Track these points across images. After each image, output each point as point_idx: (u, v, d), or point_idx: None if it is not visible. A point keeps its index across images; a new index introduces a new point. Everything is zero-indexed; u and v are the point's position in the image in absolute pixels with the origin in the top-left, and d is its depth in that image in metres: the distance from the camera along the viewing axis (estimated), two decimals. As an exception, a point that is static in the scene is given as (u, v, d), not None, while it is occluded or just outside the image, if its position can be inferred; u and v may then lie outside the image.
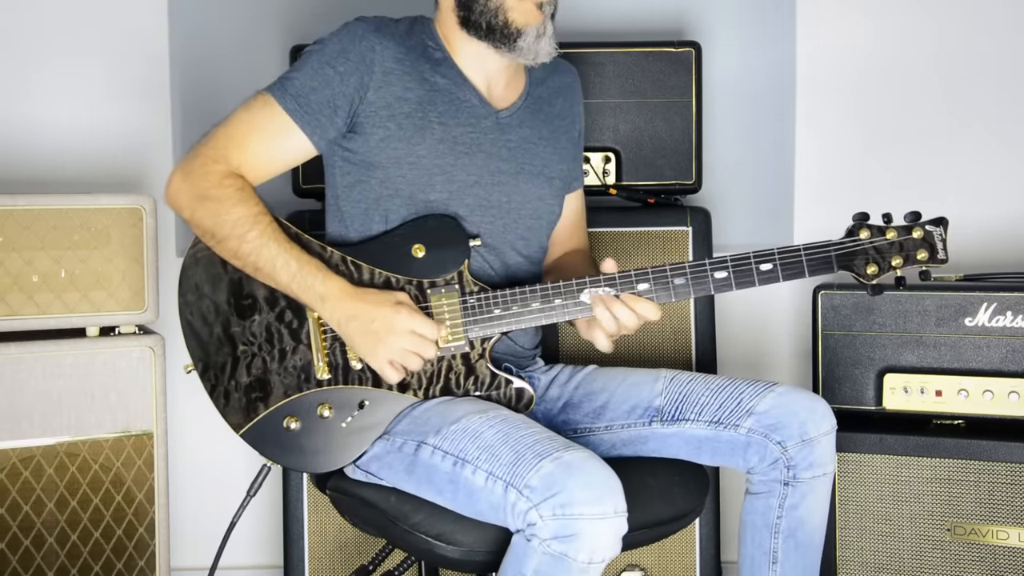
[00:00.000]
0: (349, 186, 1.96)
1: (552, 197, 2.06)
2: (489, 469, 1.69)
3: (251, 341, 1.92)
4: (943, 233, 1.85)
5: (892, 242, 1.85)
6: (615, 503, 1.62)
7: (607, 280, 1.86)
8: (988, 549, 2.17)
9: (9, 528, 2.15)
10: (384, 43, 1.92)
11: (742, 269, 1.86)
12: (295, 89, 1.89)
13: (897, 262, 1.85)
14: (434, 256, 1.91)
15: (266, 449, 1.92)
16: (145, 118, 2.64)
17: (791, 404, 1.86)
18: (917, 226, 1.85)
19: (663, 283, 1.86)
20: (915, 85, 2.68)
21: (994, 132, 2.66)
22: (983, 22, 2.66)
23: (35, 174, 2.56)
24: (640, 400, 1.96)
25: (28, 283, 2.15)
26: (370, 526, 1.95)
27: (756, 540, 1.91)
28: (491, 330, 1.89)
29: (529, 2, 1.91)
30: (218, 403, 1.93)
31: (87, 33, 2.60)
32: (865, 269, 1.85)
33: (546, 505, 1.60)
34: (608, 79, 2.48)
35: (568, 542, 1.59)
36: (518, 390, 1.91)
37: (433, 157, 1.92)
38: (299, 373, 1.91)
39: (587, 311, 1.87)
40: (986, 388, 2.20)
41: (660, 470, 1.95)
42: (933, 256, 1.85)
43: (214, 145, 1.89)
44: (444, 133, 1.93)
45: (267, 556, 2.77)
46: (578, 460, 1.64)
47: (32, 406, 2.16)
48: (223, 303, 1.93)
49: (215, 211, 1.86)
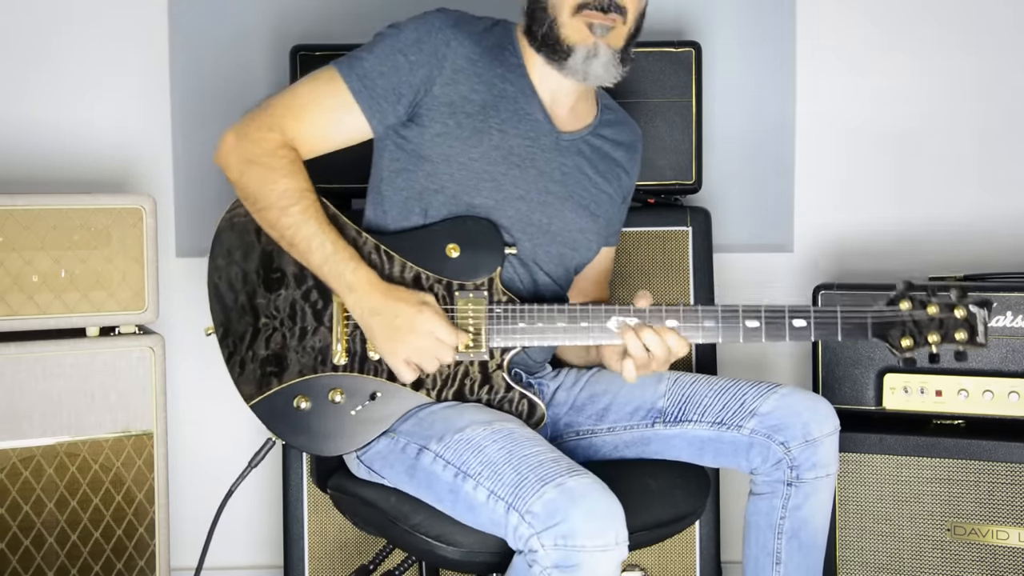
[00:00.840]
0: (395, 172, 1.93)
1: (593, 233, 2.03)
2: (491, 488, 1.67)
3: (274, 315, 1.90)
4: (987, 316, 1.79)
5: (932, 318, 1.80)
6: (616, 532, 1.61)
7: (636, 312, 1.84)
8: (988, 549, 2.17)
9: (9, 528, 2.14)
10: (460, 39, 1.89)
11: (775, 322, 1.82)
12: (363, 70, 1.87)
13: (934, 339, 1.79)
14: (468, 258, 1.89)
15: (273, 424, 1.90)
16: (145, 118, 2.64)
17: (794, 405, 1.86)
18: (960, 305, 1.79)
19: (692, 323, 1.83)
20: (916, 87, 2.68)
21: (995, 132, 2.66)
22: (983, 20, 2.66)
23: (35, 174, 2.56)
24: (643, 402, 1.96)
25: (28, 283, 2.15)
26: (370, 526, 1.95)
27: (760, 540, 1.91)
28: (513, 342, 1.87)
29: (580, 20, 1.87)
30: (233, 371, 1.91)
31: (87, 33, 2.60)
32: (900, 341, 1.80)
33: (548, 534, 1.59)
34: (608, 79, 2.47)
35: (569, 572, 1.59)
36: (531, 406, 1.89)
37: (485, 163, 1.90)
38: (317, 354, 1.89)
39: (613, 338, 1.85)
40: (986, 388, 2.20)
41: (661, 472, 1.95)
42: (972, 339, 1.79)
43: (272, 113, 1.87)
44: (501, 141, 1.91)
45: (267, 556, 2.76)
46: (581, 488, 1.61)
47: (32, 406, 2.16)
48: (252, 272, 1.91)
49: (263, 178, 1.84)
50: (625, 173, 2.08)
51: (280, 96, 1.89)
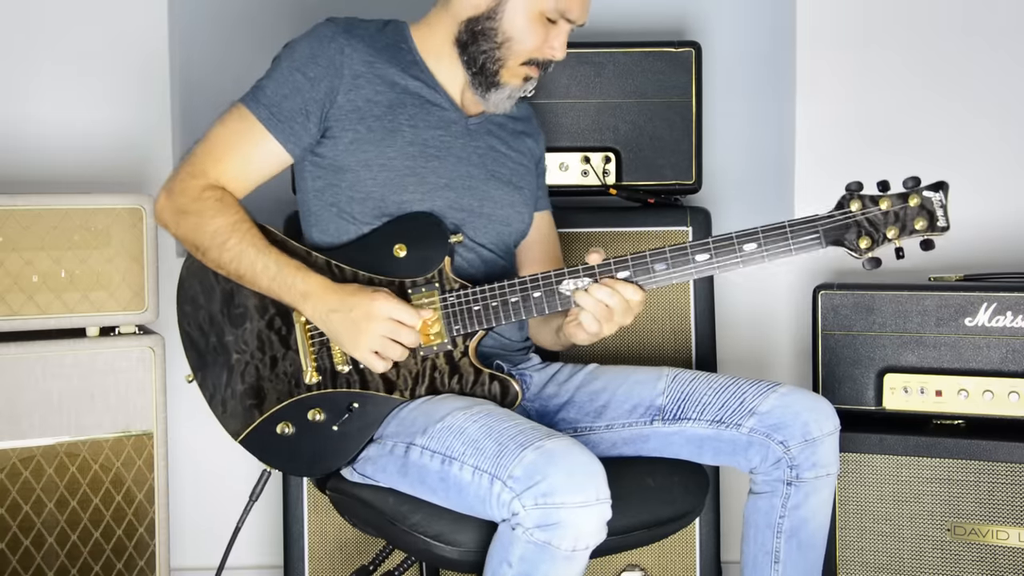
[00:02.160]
0: (320, 190, 1.98)
1: (522, 205, 2.08)
2: (475, 464, 1.69)
3: (244, 349, 1.94)
4: (943, 199, 1.73)
5: (887, 212, 1.75)
6: (597, 489, 1.62)
7: (586, 271, 1.84)
8: (988, 549, 2.17)
9: (9, 528, 2.15)
10: (354, 44, 1.93)
11: (724, 248, 1.81)
12: (267, 98, 1.91)
13: (893, 233, 1.75)
14: (416, 255, 1.91)
15: (264, 455, 1.94)
16: (145, 118, 2.64)
17: (794, 404, 1.86)
18: (914, 193, 1.73)
19: (643, 268, 1.83)
20: (915, 86, 2.68)
21: (995, 132, 2.66)
22: (983, 22, 2.66)
23: (35, 174, 2.56)
24: (642, 399, 1.96)
25: (28, 283, 2.15)
26: (369, 526, 1.95)
27: (759, 540, 1.91)
28: (473, 327, 1.89)
29: (523, 70, 1.95)
30: (216, 411, 1.96)
31: (87, 33, 2.60)
32: (858, 243, 1.76)
33: (528, 494, 1.61)
34: (608, 79, 2.47)
35: (551, 530, 1.60)
36: (503, 386, 1.91)
37: (404, 159, 1.93)
38: (290, 379, 1.92)
39: (567, 303, 1.85)
40: (986, 388, 2.20)
41: (660, 470, 1.95)
42: (933, 224, 1.74)
43: (192, 161, 1.93)
44: (414, 136, 1.95)
45: (267, 556, 2.77)
46: (560, 448, 1.64)
47: (32, 406, 2.16)
48: (217, 313, 1.96)
49: (195, 224, 1.90)
50: (531, 139, 2.14)
51: (199, 143, 1.95)
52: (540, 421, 2.01)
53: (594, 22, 2.02)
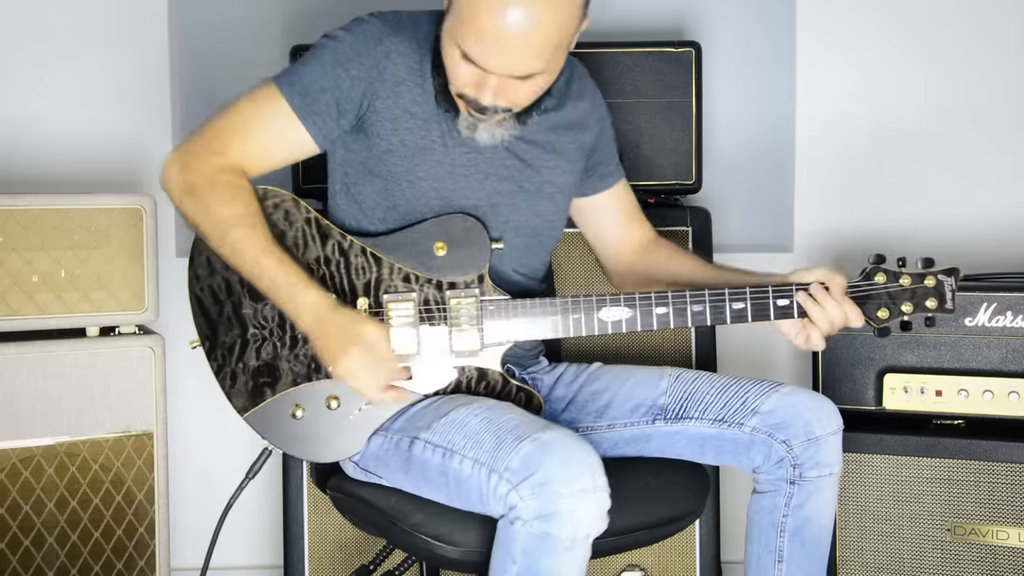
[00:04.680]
0: (350, 184, 1.93)
1: (552, 214, 2.02)
2: (475, 456, 1.69)
3: (262, 325, 1.88)
4: (954, 284, 1.88)
5: (905, 289, 1.88)
6: (593, 478, 1.62)
7: (627, 300, 1.86)
8: (988, 549, 2.17)
9: (9, 528, 2.14)
10: (400, 48, 1.85)
11: (759, 302, 1.88)
12: (303, 86, 1.83)
13: (907, 308, 1.88)
14: (456, 256, 1.89)
15: (269, 434, 1.89)
16: (145, 118, 2.64)
17: (796, 404, 1.87)
18: (930, 275, 1.88)
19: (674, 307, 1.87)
20: (916, 87, 2.68)
21: (995, 132, 2.66)
22: (985, 24, 2.66)
23: (35, 174, 2.56)
24: (644, 399, 1.96)
25: (28, 283, 2.15)
26: (370, 526, 1.95)
27: (762, 539, 1.91)
28: (505, 336, 1.88)
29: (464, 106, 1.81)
30: (223, 384, 1.89)
31: (87, 33, 2.60)
32: (876, 313, 1.89)
33: (525, 485, 1.60)
34: (608, 79, 2.47)
35: (549, 521, 1.59)
36: (527, 397, 1.91)
37: (431, 180, 1.89)
38: (310, 362, 1.88)
39: (604, 328, 1.87)
40: (986, 388, 2.20)
41: (661, 470, 1.95)
42: (942, 305, 1.88)
43: (213, 135, 1.84)
44: (444, 155, 1.89)
45: (267, 556, 2.77)
46: (556, 439, 1.64)
47: (32, 406, 2.16)
48: (235, 282, 1.88)
49: (202, 208, 1.81)
50: (586, 120, 2.02)
51: (221, 116, 1.86)
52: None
53: (594, 22, 2.01)
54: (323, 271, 1.89)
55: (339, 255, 1.89)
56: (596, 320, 1.87)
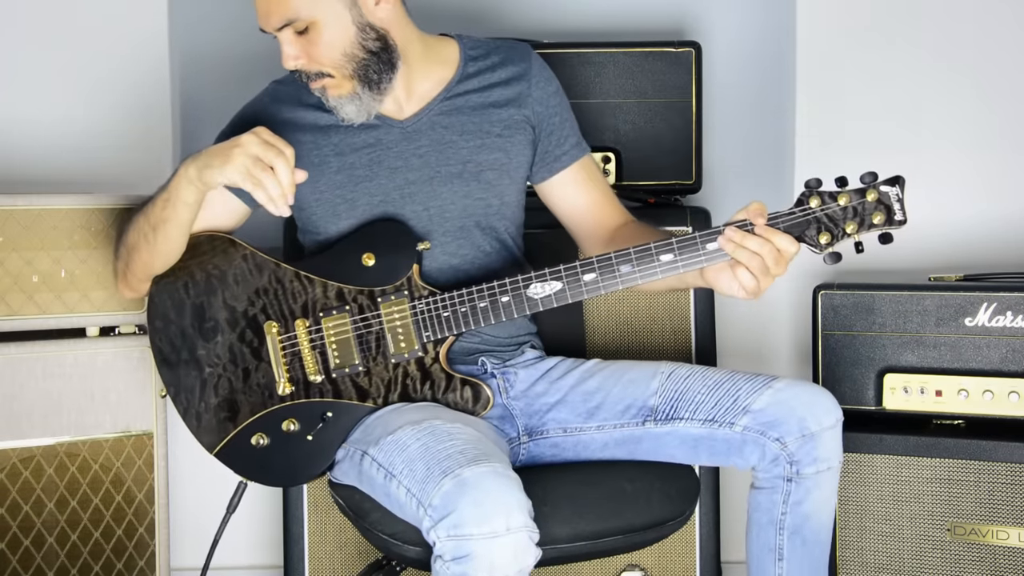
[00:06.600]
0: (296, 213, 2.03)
1: (482, 192, 2.01)
2: (408, 486, 1.69)
3: (216, 362, 1.95)
4: (900, 192, 1.75)
5: (845, 207, 1.77)
6: (508, 519, 1.58)
7: (552, 273, 1.85)
8: (988, 549, 2.17)
9: (9, 528, 2.15)
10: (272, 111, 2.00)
11: (688, 248, 1.82)
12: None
13: (851, 228, 1.77)
14: (384, 263, 1.93)
15: (240, 468, 1.97)
16: (145, 118, 2.64)
17: (789, 400, 1.84)
18: (871, 188, 1.75)
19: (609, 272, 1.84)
20: (916, 86, 2.68)
21: (996, 132, 2.66)
22: (985, 22, 2.66)
23: (35, 174, 2.56)
24: (635, 400, 1.94)
25: (28, 283, 2.15)
26: (349, 521, 1.98)
27: (761, 537, 1.90)
28: (442, 333, 1.90)
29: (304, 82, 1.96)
30: (191, 425, 1.98)
31: (87, 33, 2.60)
32: (818, 238, 1.78)
33: (442, 525, 1.59)
34: (608, 79, 2.47)
35: (464, 563, 1.58)
36: (474, 390, 1.92)
37: (333, 189, 1.97)
38: (263, 390, 1.94)
39: (535, 306, 1.86)
40: (986, 388, 2.20)
41: (641, 475, 1.92)
42: (890, 218, 1.76)
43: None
44: (340, 163, 1.97)
45: (267, 556, 2.77)
46: (474, 477, 1.60)
47: (32, 406, 2.16)
48: (188, 327, 1.96)
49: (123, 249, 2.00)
50: (521, 99, 2.04)
51: None
52: (526, 420, 2.01)
53: (594, 22, 2.02)
54: (263, 301, 1.95)
55: (275, 283, 1.95)
56: (526, 299, 1.86)
